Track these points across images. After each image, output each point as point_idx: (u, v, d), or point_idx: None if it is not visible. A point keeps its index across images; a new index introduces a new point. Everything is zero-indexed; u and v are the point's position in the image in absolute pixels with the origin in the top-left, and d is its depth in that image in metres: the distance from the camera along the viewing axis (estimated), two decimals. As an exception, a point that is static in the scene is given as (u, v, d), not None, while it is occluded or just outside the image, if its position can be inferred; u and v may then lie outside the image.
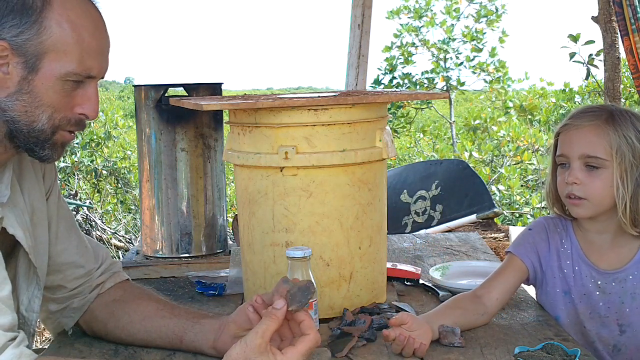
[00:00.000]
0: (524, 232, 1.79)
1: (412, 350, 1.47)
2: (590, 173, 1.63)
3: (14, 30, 1.22)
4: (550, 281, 1.74)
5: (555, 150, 1.72)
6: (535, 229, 1.77)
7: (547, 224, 1.77)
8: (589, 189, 1.63)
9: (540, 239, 1.75)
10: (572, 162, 1.65)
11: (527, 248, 1.75)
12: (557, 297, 1.73)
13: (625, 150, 1.61)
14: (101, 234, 6.18)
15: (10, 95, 1.25)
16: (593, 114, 1.66)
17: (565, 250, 1.73)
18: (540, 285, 1.76)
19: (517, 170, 6.86)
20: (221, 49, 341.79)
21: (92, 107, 1.32)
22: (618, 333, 1.68)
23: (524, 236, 1.78)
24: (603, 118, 1.64)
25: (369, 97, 1.69)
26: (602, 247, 1.71)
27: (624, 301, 1.67)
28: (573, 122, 1.67)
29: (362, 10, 3.50)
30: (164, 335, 1.50)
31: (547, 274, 1.74)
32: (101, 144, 7.45)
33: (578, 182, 1.64)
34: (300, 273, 1.49)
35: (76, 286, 1.56)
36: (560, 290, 1.72)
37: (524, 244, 1.76)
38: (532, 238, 1.76)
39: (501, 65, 9.09)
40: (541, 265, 1.74)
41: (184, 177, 2.19)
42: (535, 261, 1.74)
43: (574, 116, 1.69)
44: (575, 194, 1.64)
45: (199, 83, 2.20)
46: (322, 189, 1.66)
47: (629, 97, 7.16)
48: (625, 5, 2.77)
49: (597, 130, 1.63)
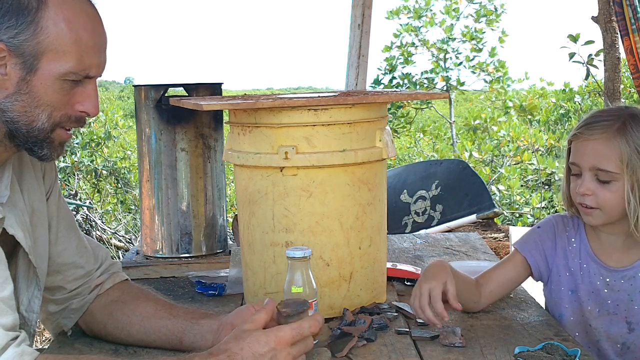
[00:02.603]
0: (532, 229, 1.80)
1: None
2: (601, 184, 1.62)
3: (10, 32, 1.22)
4: (555, 280, 1.74)
5: (568, 156, 1.71)
6: (543, 228, 1.77)
7: (556, 222, 1.77)
8: (600, 200, 1.62)
9: (546, 237, 1.75)
10: (583, 172, 1.64)
11: (532, 246, 1.75)
12: (562, 296, 1.73)
13: (636, 163, 1.59)
14: (101, 234, 6.19)
15: (9, 96, 1.25)
16: (605, 123, 1.63)
17: (574, 249, 1.73)
18: (546, 282, 1.77)
19: (517, 170, 6.86)
20: (221, 49, 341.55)
21: (92, 104, 1.33)
22: (627, 331, 1.68)
23: (531, 234, 1.78)
24: (615, 128, 1.62)
25: (369, 97, 1.69)
26: (613, 246, 1.70)
27: (632, 298, 1.67)
28: (584, 132, 1.65)
29: (362, 10, 3.50)
30: (163, 336, 1.50)
31: (552, 271, 1.74)
32: (101, 144, 7.45)
33: (589, 193, 1.63)
34: (300, 273, 1.49)
35: (75, 287, 1.56)
36: (565, 288, 1.73)
37: (529, 242, 1.76)
38: (539, 236, 1.76)
39: (501, 65, 9.08)
40: (547, 263, 1.74)
41: (184, 177, 2.19)
42: (539, 260, 1.74)
43: (586, 124, 1.66)
44: (587, 204, 1.64)
45: (199, 83, 2.20)
46: (322, 189, 1.66)
47: (629, 97, 7.16)
48: (625, 5, 2.77)
49: (607, 143, 1.61)
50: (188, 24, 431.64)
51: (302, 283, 1.48)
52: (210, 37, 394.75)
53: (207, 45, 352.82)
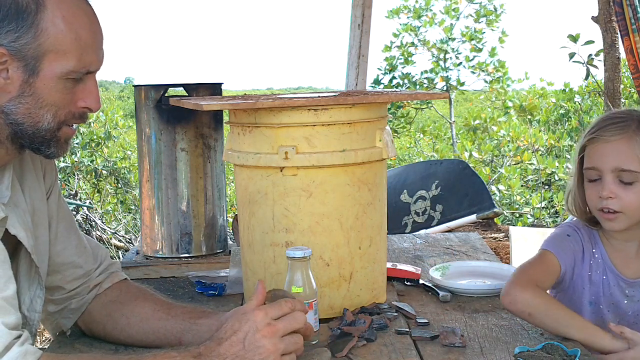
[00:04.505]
0: (562, 236, 1.74)
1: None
2: (624, 186, 1.60)
3: (11, 36, 1.23)
4: (578, 291, 1.71)
5: (580, 163, 1.68)
6: (574, 237, 1.72)
7: (581, 233, 1.72)
8: (624, 202, 1.60)
9: (578, 248, 1.71)
10: (604, 176, 1.62)
11: (568, 253, 1.70)
12: (582, 307, 1.70)
13: None
14: (101, 234, 6.19)
15: (13, 99, 1.26)
16: (622, 124, 1.62)
17: (597, 260, 1.70)
18: (565, 290, 1.73)
19: (517, 170, 6.86)
20: (221, 49, 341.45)
21: (94, 99, 1.34)
22: None
23: (563, 239, 1.72)
24: (633, 128, 1.61)
25: (369, 97, 1.69)
26: (628, 255, 1.69)
27: None
28: (601, 134, 1.63)
29: (362, 10, 3.49)
30: (162, 337, 1.50)
31: (576, 283, 1.71)
32: (101, 144, 7.45)
33: (613, 195, 1.60)
34: (300, 273, 1.49)
35: (74, 287, 1.56)
36: (586, 300, 1.70)
37: (564, 248, 1.70)
38: (572, 244, 1.71)
39: (501, 65, 9.08)
40: (573, 273, 1.70)
41: (184, 177, 2.19)
42: (569, 267, 1.69)
43: (601, 128, 1.64)
44: (611, 208, 1.61)
45: (199, 83, 2.20)
46: (322, 189, 1.66)
47: (629, 97, 7.16)
48: (626, 5, 2.77)
49: (629, 143, 1.60)
50: (188, 24, 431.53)
51: (302, 283, 1.48)
52: (210, 37, 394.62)
53: (207, 45, 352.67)
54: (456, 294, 1.85)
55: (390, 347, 1.52)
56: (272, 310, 1.30)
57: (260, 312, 1.30)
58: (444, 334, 1.55)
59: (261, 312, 1.29)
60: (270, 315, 1.30)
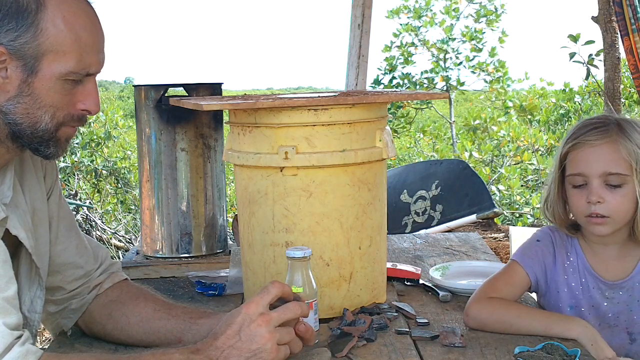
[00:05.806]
0: (531, 242, 1.74)
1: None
2: (611, 190, 1.59)
3: (10, 35, 1.23)
4: (554, 295, 1.70)
5: (561, 171, 1.66)
6: (543, 242, 1.72)
7: (554, 237, 1.72)
8: (611, 206, 1.59)
9: (547, 252, 1.70)
10: (591, 181, 1.60)
11: (534, 261, 1.70)
12: (561, 312, 1.69)
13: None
14: (101, 234, 6.19)
15: (11, 98, 1.25)
16: (603, 128, 1.61)
17: (572, 264, 1.69)
18: (544, 295, 1.73)
19: (517, 170, 6.86)
20: (221, 49, 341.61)
21: (93, 101, 1.34)
22: (629, 342, 1.67)
23: (531, 247, 1.73)
24: (615, 131, 1.60)
25: (369, 97, 1.69)
26: (608, 258, 1.68)
27: (632, 309, 1.65)
28: (585, 139, 1.61)
29: (362, 10, 3.49)
30: (162, 337, 1.50)
31: (551, 287, 1.70)
32: (101, 144, 7.45)
33: (602, 200, 1.59)
34: (300, 273, 1.49)
35: (75, 287, 1.56)
36: (564, 304, 1.70)
37: (530, 255, 1.70)
38: (540, 251, 1.71)
39: (501, 65, 9.08)
40: (546, 278, 1.70)
41: (184, 177, 2.19)
42: (540, 274, 1.70)
43: (583, 134, 1.62)
44: (599, 213, 1.59)
45: (199, 83, 2.20)
46: (322, 189, 1.66)
47: (629, 97, 7.17)
48: (625, 5, 2.77)
49: (614, 146, 1.58)
50: (188, 24, 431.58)
51: (302, 283, 1.48)
52: (210, 37, 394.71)
53: (207, 45, 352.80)
54: (456, 294, 1.85)
55: (390, 347, 1.52)
56: (262, 300, 1.31)
57: (251, 303, 1.30)
58: (444, 334, 1.55)
59: (252, 304, 1.30)
60: (262, 304, 1.30)
